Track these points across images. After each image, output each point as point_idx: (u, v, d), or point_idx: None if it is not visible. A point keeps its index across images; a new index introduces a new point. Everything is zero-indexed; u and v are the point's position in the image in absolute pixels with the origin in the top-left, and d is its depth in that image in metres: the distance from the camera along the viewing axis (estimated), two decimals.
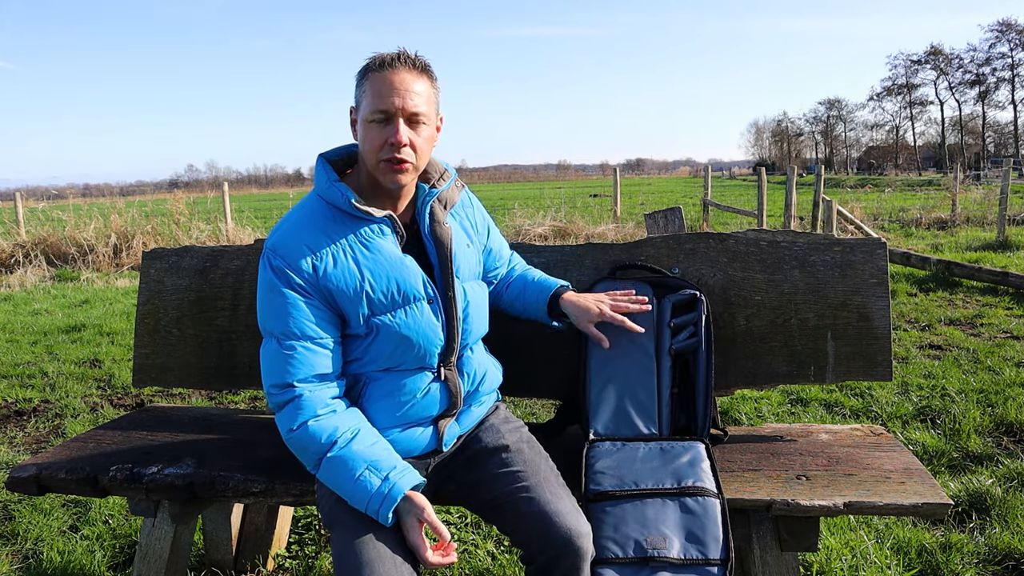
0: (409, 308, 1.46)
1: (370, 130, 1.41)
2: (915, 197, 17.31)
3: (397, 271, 1.45)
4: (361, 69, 1.43)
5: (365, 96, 1.41)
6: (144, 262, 2.20)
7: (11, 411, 3.99)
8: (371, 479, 1.36)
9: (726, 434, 1.88)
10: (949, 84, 69.25)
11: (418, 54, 1.45)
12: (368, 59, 1.44)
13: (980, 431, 3.20)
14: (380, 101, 1.39)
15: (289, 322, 1.40)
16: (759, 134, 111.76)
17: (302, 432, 1.39)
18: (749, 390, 3.73)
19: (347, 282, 1.41)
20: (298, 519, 2.59)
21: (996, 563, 2.21)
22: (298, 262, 1.40)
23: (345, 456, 1.37)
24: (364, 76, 1.42)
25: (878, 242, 1.92)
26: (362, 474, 1.36)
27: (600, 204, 18.60)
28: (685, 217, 6.17)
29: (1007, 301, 5.98)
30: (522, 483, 1.48)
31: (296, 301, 1.40)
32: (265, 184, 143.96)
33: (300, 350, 1.40)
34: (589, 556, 1.43)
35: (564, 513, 1.42)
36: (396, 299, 1.45)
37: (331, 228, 1.44)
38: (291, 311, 1.40)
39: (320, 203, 1.47)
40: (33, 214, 13.23)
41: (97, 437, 2.02)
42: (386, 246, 1.46)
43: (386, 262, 1.45)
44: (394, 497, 1.34)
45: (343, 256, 1.42)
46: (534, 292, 1.76)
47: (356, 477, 1.36)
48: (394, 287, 1.45)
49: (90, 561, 2.33)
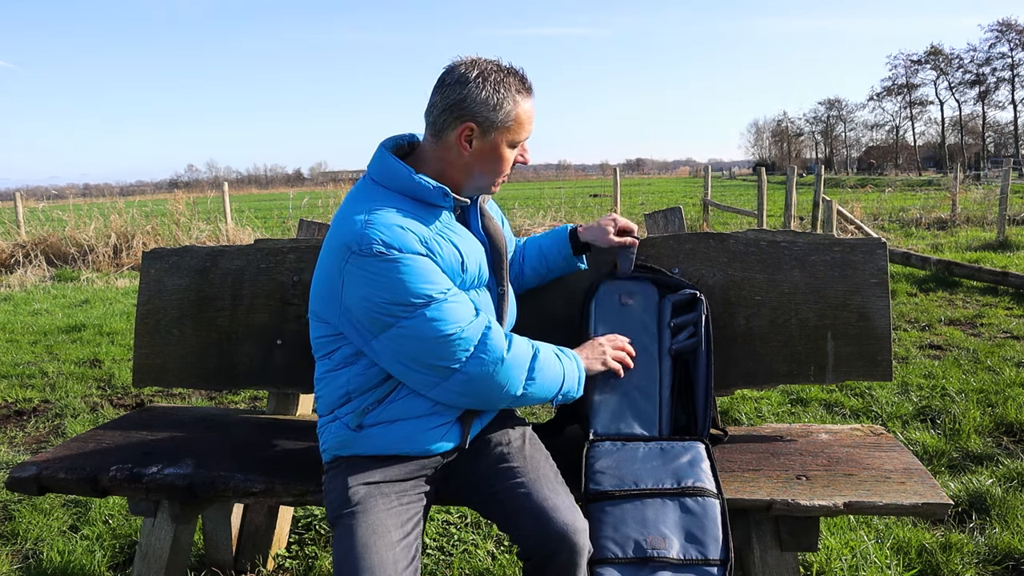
0: (480, 290, 1.54)
1: (507, 154, 1.47)
2: (915, 197, 17.30)
3: (478, 253, 1.53)
4: (500, 89, 1.41)
5: (513, 121, 1.44)
6: (144, 262, 2.20)
7: (11, 411, 3.99)
8: (564, 361, 1.54)
9: (726, 434, 1.87)
10: (949, 84, 69.24)
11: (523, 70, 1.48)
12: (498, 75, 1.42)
13: (980, 431, 3.20)
14: (526, 131, 1.48)
15: (439, 280, 1.39)
16: (759, 134, 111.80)
17: (514, 348, 1.45)
18: (749, 390, 3.73)
19: (451, 263, 1.45)
20: (298, 519, 2.59)
21: (996, 563, 2.21)
22: (415, 248, 1.38)
23: (544, 352, 1.51)
24: (510, 102, 1.42)
25: (878, 242, 1.92)
26: (561, 359, 1.53)
27: (600, 204, 18.60)
28: (685, 217, 6.16)
29: (1007, 301, 5.98)
30: (520, 479, 1.48)
31: (430, 263, 1.40)
32: (265, 184, 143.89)
33: (459, 296, 1.42)
34: (586, 552, 1.43)
35: (561, 509, 1.42)
36: (476, 280, 1.51)
37: (422, 216, 1.44)
38: (435, 271, 1.40)
39: (393, 195, 1.45)
40: (33, 214, 13.23)
41: (97, 437, 2.02)
42: (463, 230, 1.52)
43: (473, 243, 1.52)
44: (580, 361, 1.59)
45: (445, 240, 1.45)
46: (552, 245, 1.84)
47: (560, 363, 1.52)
48: (477, 268, 1.51)
49: (90, 561, 2.33)
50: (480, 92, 1.39)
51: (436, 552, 2.40)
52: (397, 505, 1.43)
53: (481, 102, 1.39)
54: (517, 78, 1.44)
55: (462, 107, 1.40)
